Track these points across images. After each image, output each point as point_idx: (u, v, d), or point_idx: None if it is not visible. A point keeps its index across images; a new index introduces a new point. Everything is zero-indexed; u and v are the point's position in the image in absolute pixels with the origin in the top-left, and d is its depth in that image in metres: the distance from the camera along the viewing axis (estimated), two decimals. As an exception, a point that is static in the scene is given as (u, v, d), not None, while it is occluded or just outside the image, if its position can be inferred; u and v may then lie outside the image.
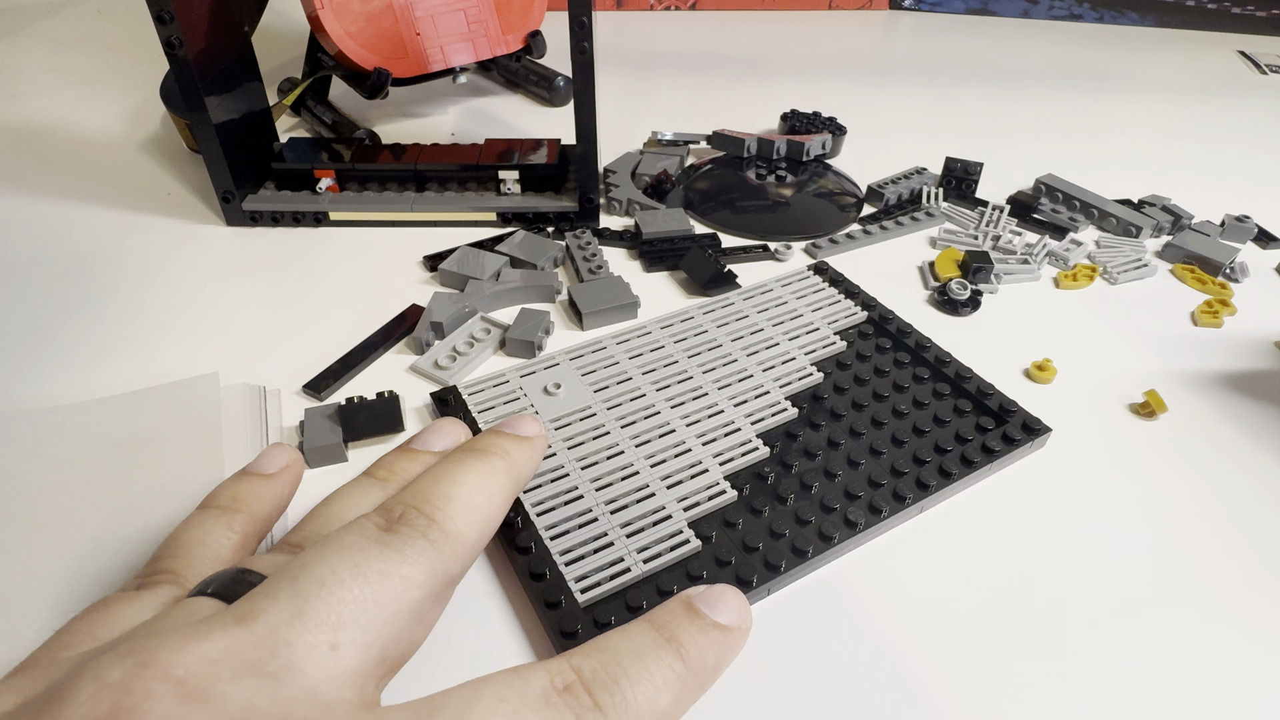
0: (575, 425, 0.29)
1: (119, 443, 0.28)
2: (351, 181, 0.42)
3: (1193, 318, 0.36)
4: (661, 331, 0.33)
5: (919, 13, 0.74)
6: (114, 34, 0.65)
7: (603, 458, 0.28)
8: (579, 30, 0.35)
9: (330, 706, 0.16)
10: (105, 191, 0.44)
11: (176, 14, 0.34)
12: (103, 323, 0.35)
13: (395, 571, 0.18)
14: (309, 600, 0.17)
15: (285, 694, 0.16)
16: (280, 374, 0.32)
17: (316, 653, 0.16)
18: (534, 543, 0.25)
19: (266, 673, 0.16)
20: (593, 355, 0.32)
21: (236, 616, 0.17)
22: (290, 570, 0.18)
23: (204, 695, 0.15)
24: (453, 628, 0.23)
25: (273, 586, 0.17)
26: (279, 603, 0.17)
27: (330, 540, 0.19)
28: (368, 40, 0.45)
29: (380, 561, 0.18)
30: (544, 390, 0.30)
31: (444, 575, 0.20)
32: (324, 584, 0.18)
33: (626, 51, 0.65)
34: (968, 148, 0.50)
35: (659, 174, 0.45)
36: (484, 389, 0.31)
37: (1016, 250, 0.40)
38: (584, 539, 0.25)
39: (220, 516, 0.22)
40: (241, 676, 0.15)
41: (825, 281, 0.37)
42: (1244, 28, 0.70)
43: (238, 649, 0.16)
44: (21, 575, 0.23)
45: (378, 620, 0.18)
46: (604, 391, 0.30)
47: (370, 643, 0.17)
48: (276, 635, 0.16)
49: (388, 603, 0.18)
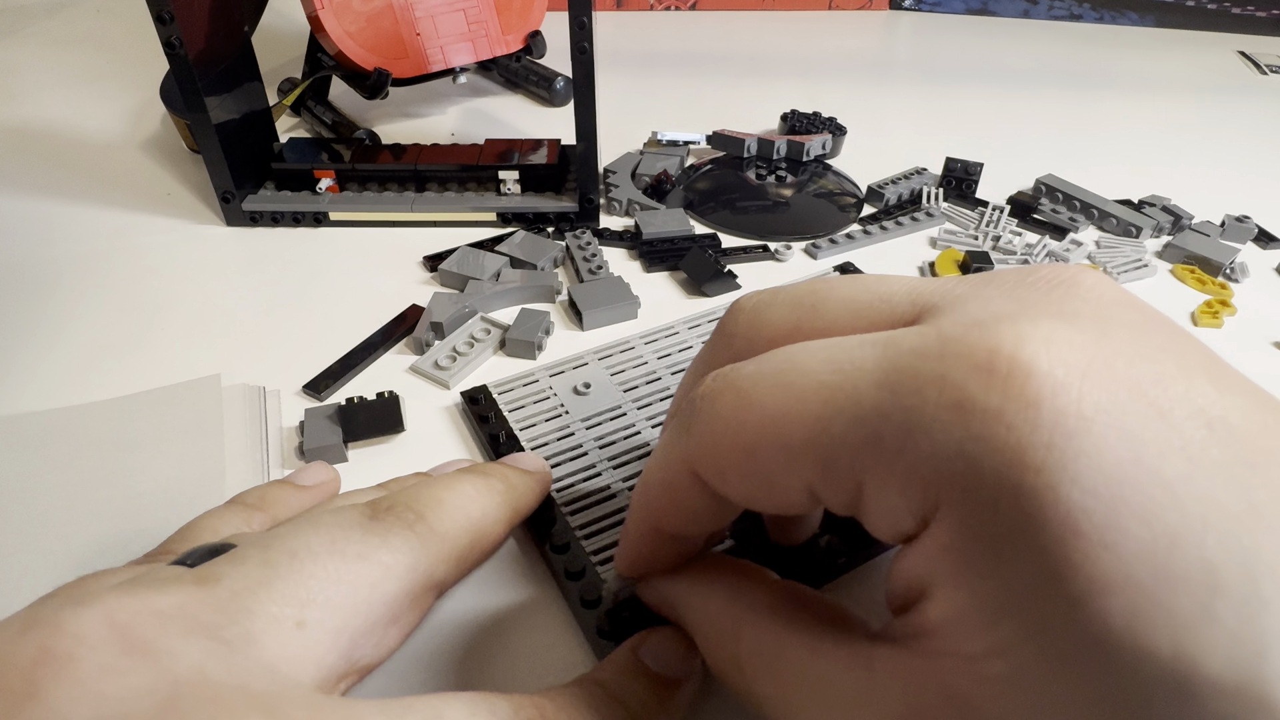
0: (606, 424, 0.29)
1: (120, 445, 0.28)
2: (351, 182, 0.42)
3: (1193, 318, 0.36)
4: (689, 332, 0.33)
5: (919, 13, 0.74)
6: (114, 34, 0.65)
7: (634, 457, 0.28)
8: (579, 30, 0.35)
9: (286, 684, 0.14)
10: (105, 191, 0.44)
11: (176, 14, 0.34)
12: (102, 323, 0.35)
13: (374, 556, 0.18)
14: (278, 570, 0.16)
15: (240, 664, 0.14)
16: (280, 374, 0.32)
17: (280, 627, 0.15)
18: (570, 542, 0.24)
19: (221, 638, 0.14)
20: (621, 355, 0.32)
21: (197, 577, 0.15)
22: (262, 539, 0.17)
23: (148, 648, 0.13)
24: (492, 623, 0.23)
25: (241, 553, 0.16)
26: (245, 568, 0.16)
27: (309, 517, 0.18)
28: (368, 40, 0.45)
29: (360, 544, 0.17)
30: (574, 390, 0.30)
31: (425, 573, 0.19)
32: (296, 555, 0.16)
33: (626, 51, 0.65)
34: (968, 148, 0.50)
35: (659, 174, 0.45)
36: (514, 388, 0.30)
37: (1017, 250, 0.40)
38: (617, 539, 0.24)
39: (241, 512, 0.21)
40: (193, 635, 0.14)
41: None
42: (1244, 28, 0.70)
43: (192, 607, 0.14)
44: (22, 577, 0.23)
45: (349, 605, 0.16)
46: (634, 391, 0.30)
47: (340, 629, 0.16)
48: (238, 601, 0.15)
49: (363, 588, 0.17)
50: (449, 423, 0.30)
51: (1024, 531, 0.12)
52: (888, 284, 0.16)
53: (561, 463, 0.27)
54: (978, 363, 0.12)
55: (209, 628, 0.14)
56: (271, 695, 0.14)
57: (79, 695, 0.12)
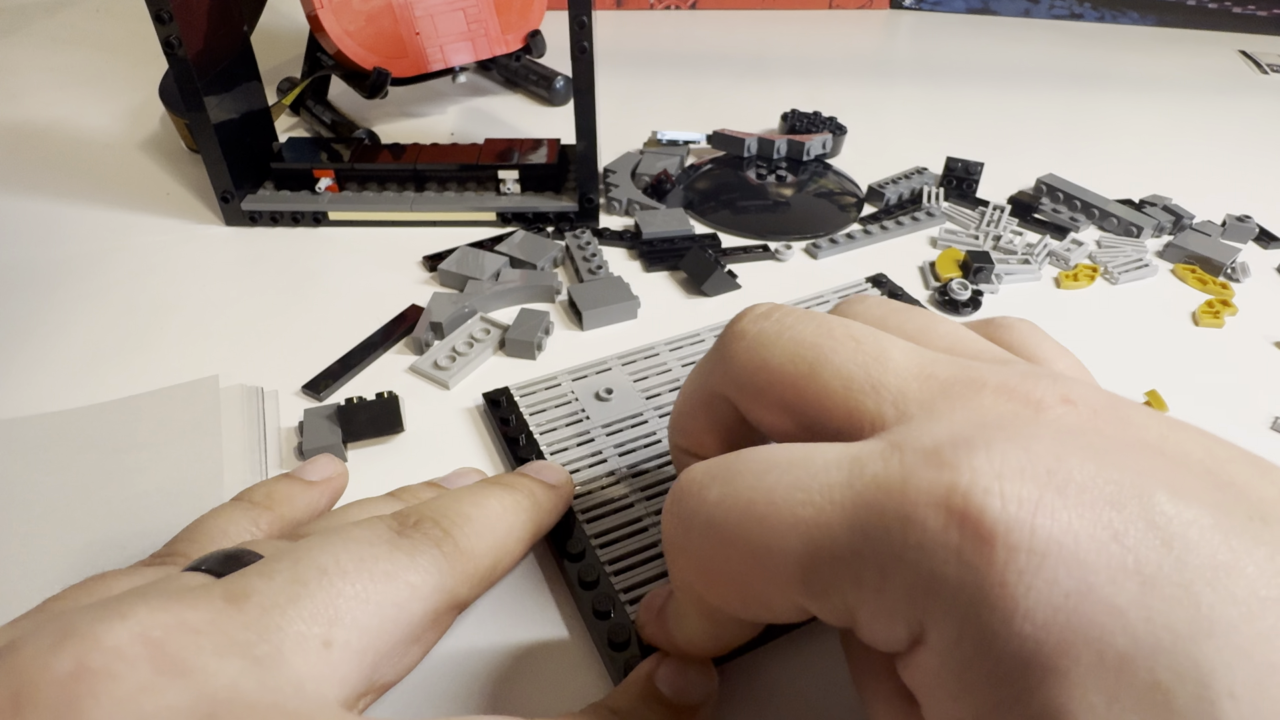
0: (627, 431, 0.28)
1: (119, 447, 0.28)
2: (351, 181, 0.42)
3: (1194, 318, 0.36)
4: (714, 338, 0.33)
5: (919, 12, 0.74)
6: (114, 34, 0.65)
7: (654, 466, 0.27)
8: (579, 30, 0.35)
9: (316, 705, 0.14)
10: (104, 191, 0.44)
11: (176, 14, 0.34)
12: (101, 323, 0.35)
13: (402, 576, 0.17)
14: (308, 587, 0.16)
15: (272, 682, 0.14)
16: (279, 374, 0.32)
17: (308, 646, 0.15)
18: (585, 549, 0.24)
19: (254, 656, 0.14)
20: (645, 361, 0.32)
21: (226, 592, 0.15)
22: (292, 553, 0.17)
23: (184, 667, 0.13)
24: (501, 633, 0.23)
25: (270, 567, 0.16)
26: (274, 584, 0.16)
27: (338, 531, 0.18)
28: (367, 40, 0.44)
29: (388, 562, 0.17)
30: (596, 395, 0.30)
31: (450, 594, 0.19)
32: (326, 572, 0.16)
33: (626, 51, 0.65)
34: (968, 148, 0.50)
35: (659, 174, 0.45)
36: (536, 390, 0.30)
37: (1017, 250, 0.40)
38: (633, 549, 0.24)
39: (249, 510, 0.21)
40: (227, 654, 0.14)
41: (884, 295, 0.36)
42: (1245, 27, 0.70)
43: (225, 624, 0.14)
44: (20, 580, 0.23)
45: (375, 626, 0.17)
46: (656, 399, 0.30)
47: (365, 649, 0.16)
48: (268, 618, 0.15)
49: (389, 608, 0.17)
50: (448, 422, 0.30)
51: (984, 661, 0.12)
52: (882, 368, 0.16)
53: (581, 469, 0.27)
54: (936, 500, 0.13)
55: (242, 645, 0.14)
56: (304, 714, 0.14)
57: (119, 714, 0.12)
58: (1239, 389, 0.32)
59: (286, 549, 0.17)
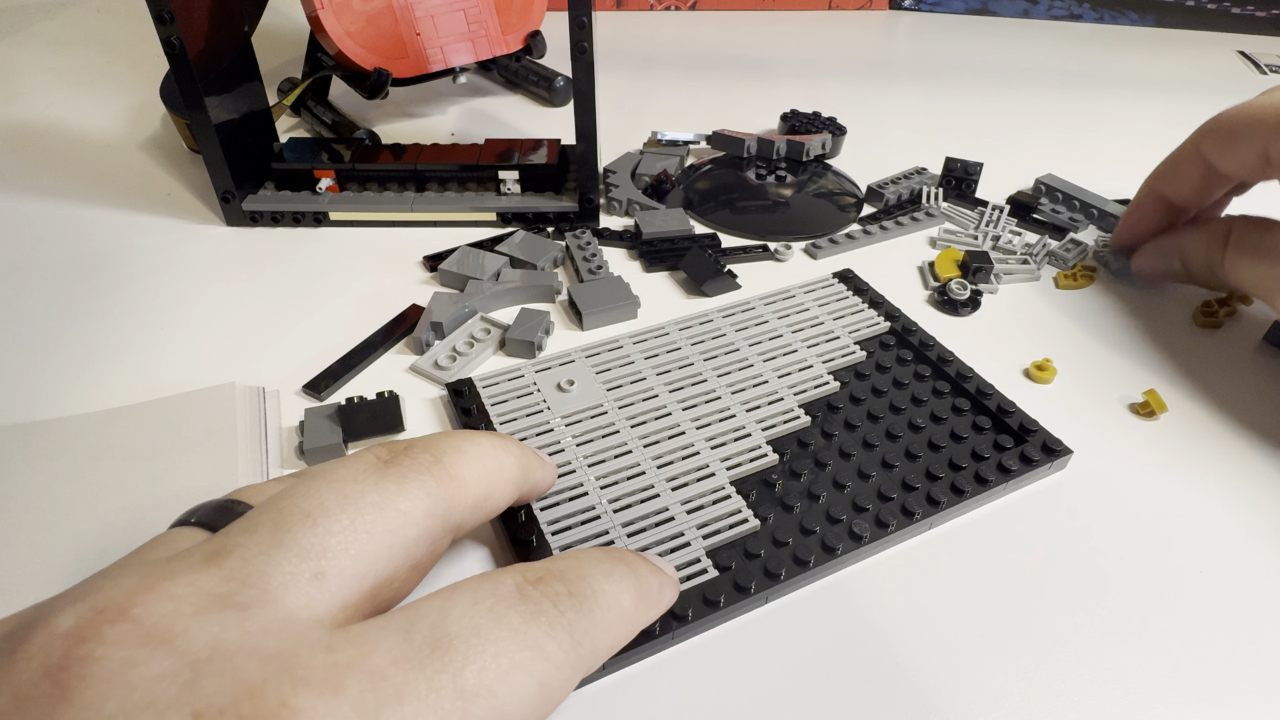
0: (586, 423, 0.29)
1: (133, 454, 0.27)
2: (351, 181, 0.42)
3: (1193, 318, 0.36)
4: (680, 333, 0.33)
5: (919, 13, 0.74)
6: (114, 34, 0.65)
7: (610, 456, 0.28)
8: (579, 30, 0.35)
9: (302, 634, 0.15)
10: (105, 192, 0.44)
11: (176, 14, 0.34)
12: (102, 323, 0.35)
13: (391, 504, 0.17)
14: (291, 532, 0.16)
15: (254, 625, 0.14)
16: (280, 374, 0.32)
17: (298, 582, 0.15)
18: (535, 536, 0.24)
19: (235, 604, 0.15)
20: (609, 354, 0.32)
21: (205, 553, 0.15)
22: (276, 502, 0.17)
23: (165, 634, 0.14)
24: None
25: (253, 520, 0.16)
26: (257, 536, 0.16)
27: (322, 470, 0.18)
28: (368, 40, 0.45)
29: (375, 493, 0.17)
30: (557, 386, 0.30)
31: (443, 518, 0.19)
32: (310, 515, 0.16)
33: (626, 51, 0.65)
34: (968, 148, 0.50)
35: (659, 174, 0.45)
36: (498, 382, 0.31)
37: (1016, 250, 0.40)
38: (585, 536, 0.25)
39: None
40: (206, 611, 0.14)
41: (849, 290, 0.36)
42: (1244, 28, 0.70)
43: (203, 583, 0.15)
44: (34, 588, 0.23)
45: (369, 552, 0.17)
46: (617, 390, 0.30)
47: (362, 575, 0.16)
48: (250, 566, 0.15)
49: (381, 535, 0.17)
50: (448, 422, 0.30)
51: None
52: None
53: None
54: None
55: (221, 599, 0.15)
56: (286, 652, 0.14)
57: (107, 692, 0.13)
58: (1238, 389, 0.32)
59: (273, 498, 0.17)
